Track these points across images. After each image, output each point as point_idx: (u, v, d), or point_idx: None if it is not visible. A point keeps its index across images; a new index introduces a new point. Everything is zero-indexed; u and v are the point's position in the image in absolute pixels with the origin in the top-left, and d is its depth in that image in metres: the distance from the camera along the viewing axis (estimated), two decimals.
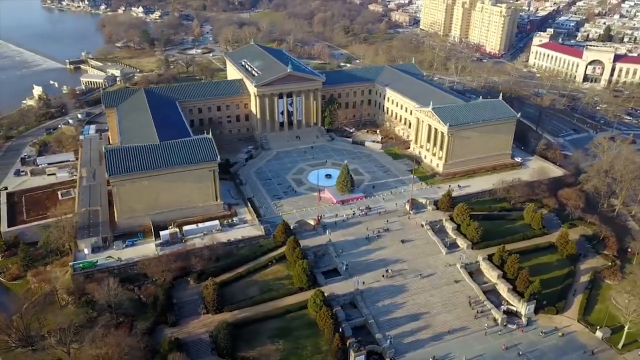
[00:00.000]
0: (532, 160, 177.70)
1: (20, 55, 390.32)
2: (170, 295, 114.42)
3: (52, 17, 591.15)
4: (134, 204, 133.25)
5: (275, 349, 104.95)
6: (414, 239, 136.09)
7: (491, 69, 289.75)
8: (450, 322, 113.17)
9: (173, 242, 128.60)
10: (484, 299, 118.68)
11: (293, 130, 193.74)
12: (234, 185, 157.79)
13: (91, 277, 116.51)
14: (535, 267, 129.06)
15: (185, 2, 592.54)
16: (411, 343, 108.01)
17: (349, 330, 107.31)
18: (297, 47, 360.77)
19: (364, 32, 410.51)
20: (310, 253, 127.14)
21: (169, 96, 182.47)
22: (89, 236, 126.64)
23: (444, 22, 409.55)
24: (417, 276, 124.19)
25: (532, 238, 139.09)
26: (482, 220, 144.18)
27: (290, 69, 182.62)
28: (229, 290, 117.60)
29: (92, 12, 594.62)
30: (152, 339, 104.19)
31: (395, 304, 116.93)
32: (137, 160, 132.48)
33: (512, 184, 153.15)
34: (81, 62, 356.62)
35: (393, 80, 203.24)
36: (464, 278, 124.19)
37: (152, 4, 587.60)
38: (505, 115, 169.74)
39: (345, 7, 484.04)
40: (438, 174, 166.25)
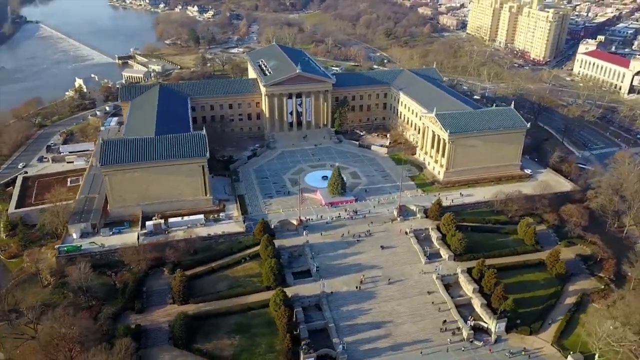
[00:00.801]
0: (544, 173, 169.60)
1: (77, 50, 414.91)
2: (141, 283, 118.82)
3: (115, 15, 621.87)
4: (125, 194, 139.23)
5: (230, 344, 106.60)
6: (395, 246, 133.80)
7: (527, 77, 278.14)
8: (413, 333, 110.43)
9: (157, 233, 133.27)
10: (454, 312, 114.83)
11: (302, 131, 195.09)
12: (231, 181, 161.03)
13: (73, 260, 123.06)
14: (519, 284, 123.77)
15: (238, 2, 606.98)
16: (368, 351, 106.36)
17: (305, 332, 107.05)
18: (334, 49, 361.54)
19: (406, 35, 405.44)
20: (285, 253, 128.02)
21: (182, 93, 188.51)
22: (80, 222, 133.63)
23: (490, 26, 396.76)
24: (389, 283, 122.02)
25: (522, 254, 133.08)
26: (473, 231, 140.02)
27: (299, 70, 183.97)
28: (199, 283, 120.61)
29: (151, 10, 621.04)
30: (117, 324, 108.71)
31: (360, 309, 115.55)
32: (130, 152, 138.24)
33: (510, 197, 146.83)
34: (129, 57, 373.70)
35: (409, 84, 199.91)
36: (438, 289, 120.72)
37: (208, 3, 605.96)
38: (514, 124, 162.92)
39: (392, 10, 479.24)
40: (437, 182, 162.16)
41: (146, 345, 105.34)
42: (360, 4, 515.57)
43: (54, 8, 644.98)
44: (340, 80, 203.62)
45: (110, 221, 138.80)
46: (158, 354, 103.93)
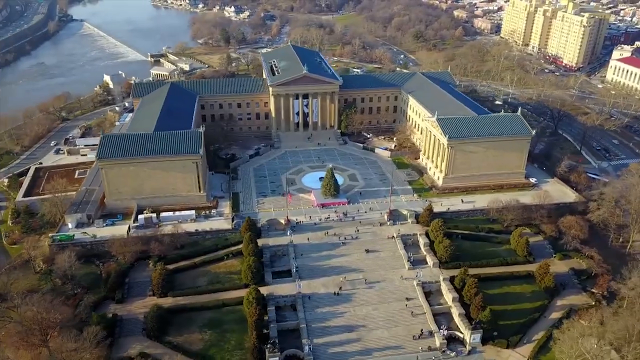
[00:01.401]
0: (550, 183, 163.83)
1: (113, 48, 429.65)
2: (125, 274, 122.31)
3: (156, 14, 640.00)
4: (121, 188, 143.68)
5: (201, 339, 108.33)
6: (380, 250, 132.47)
7: (553, 83, 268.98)
8: (385, 340, 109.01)
9: (147, 226, 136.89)
10: (430, 320, 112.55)
11: (308, 132, 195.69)
12: (229, 179, 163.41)
13: (65, 249, 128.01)
14: (504, 296, 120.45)
15: (275, 3, 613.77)
16: (336, 353, 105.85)
17: (275, 331, 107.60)
18: (360, 51, 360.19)
19: (436, 38, 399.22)
20: (267, 251, 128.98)
21: (192, 90, 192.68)
22: (76, 212, 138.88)
23: (524, 30, 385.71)
24: (368, 287, 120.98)
25: (512, 265, 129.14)
26: (463, 239, 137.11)
27: (305, 71, 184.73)
28: (180, 277, 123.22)
29: (191, 10, 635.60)
30: (97, 312, 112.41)
31: (335, 312, 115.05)
32: (127, 146, 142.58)
33: (506, 205, 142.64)
34: (161, 55, 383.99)
35: (419, 87, 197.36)
36: (417, 296, 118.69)
37: (245, 3, 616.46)
38: (518, 131, 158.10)
39: (425, 12, 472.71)
40: (435, 188, 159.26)
41: (120, 335, 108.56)
42: (394, 6, 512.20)
43: (100, 7, 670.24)
44: (349, 82, 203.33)
45: (106, 213, 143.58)
46: (130, 343, 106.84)
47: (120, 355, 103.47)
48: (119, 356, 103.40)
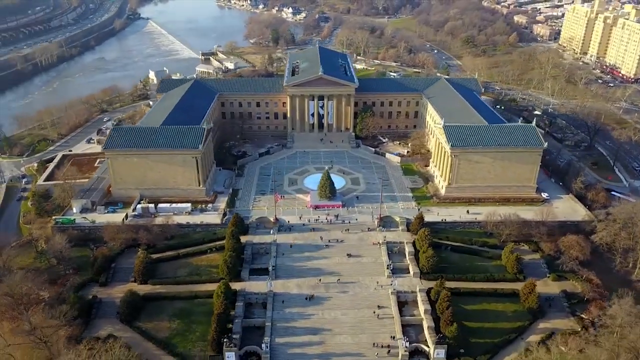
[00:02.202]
0: (563, 199, 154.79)
1: (170, 45, 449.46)
2: (111, 259, 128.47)
3: (219, 14, 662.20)
4: (126, 177, 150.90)
5: (168, 327, 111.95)
6: (363, 256, 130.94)
7: (599, 94, 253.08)
8: (347, 346, 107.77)
9: (144, 216, 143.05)
10: (398, 331, 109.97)
11: (323, 133, 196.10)
12: (234, 175, 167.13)
13: (65, 231, 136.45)
14: (484, 313, 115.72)
15: (332, 4, 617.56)
16: (294, 354, 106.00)
17: (238, 327, 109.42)
18: (404, 54, 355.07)
19: (487, 44, 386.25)
20: (249, 248, 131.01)
21: (213, 88, 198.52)
22: (82, 198, 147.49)
23: (583, 38, 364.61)
24: (341, 292, 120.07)
25: (499, 281, 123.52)
26: (453, 251, 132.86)
27: (321, 72, 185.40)
28: (163, 267, 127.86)
29: (252, 10, 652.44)
30: (81, 293, 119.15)
31: (303, 313, 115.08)
32: (133, 139, 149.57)
33: (503, 220, 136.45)
34: (211, 54, 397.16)
35: (439, 93, 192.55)
36: (390, 305, 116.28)
37: (304, 5, 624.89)
38: (529, 143, 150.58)
39: (481, 17, 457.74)
40: (436, 196, 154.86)
41: (96, 316, 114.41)
42: (451, 10, 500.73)
43: (169, 6, 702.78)
44: (369, 85, 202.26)
45: (111, 201, 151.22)
46: (104, 325, 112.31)
47: (91, 335, 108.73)
48: (90, 336, 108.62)
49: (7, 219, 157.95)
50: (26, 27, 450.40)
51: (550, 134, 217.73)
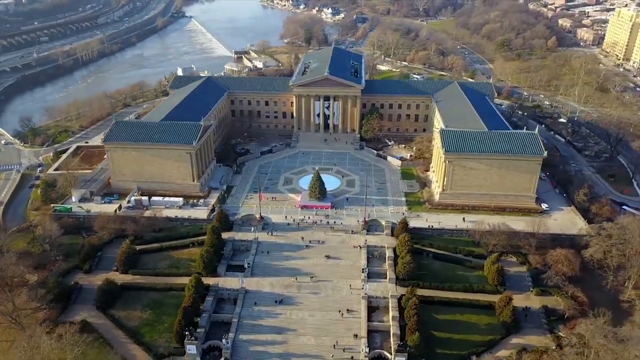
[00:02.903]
0: (564, 211, 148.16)
1: (207, 43, 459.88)
2: (98, 248, 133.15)
3: (262, 14, 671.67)
4: (124, 170, 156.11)
5: (140, 316, 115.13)
6: (341, 258, 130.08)
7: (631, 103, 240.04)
8: (309, 347, 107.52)
9: (137, 208, 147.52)
10: (363, 336, 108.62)
11: (328, 134, 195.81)
12: (232, 173, 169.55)
13: (61, 219, 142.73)
14: (456, 324, 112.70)
15: (373, 5, 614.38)
16: (255, 352, 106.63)
17: (205, 321, 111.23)
18: (434, 57, 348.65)
19: (524, 48, 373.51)
20: (229, 244, 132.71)
21: (224, 86, 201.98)
22: (82, 188, 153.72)
23: (627, 44, 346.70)
24: (312, 293, 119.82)
25: (477, 292, 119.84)
26: (434, 259, 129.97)
27: (327, 73, 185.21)
28: (145, 258, 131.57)
29: (293, 10, 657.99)
30: (64, 278, 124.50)
31: (270, 312, 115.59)
32: (133, 132, 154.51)
33: (491, 229, 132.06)
34: (244, 52, 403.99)
35: (449, 97, 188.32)
36: (359, 310, 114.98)
37: (344, 6, 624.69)
38: (529, 151, 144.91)
39: (522, 20, 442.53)
40: (429, 202, 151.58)
41: (75, 302, 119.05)
42: (492, 12, 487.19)
43: (214, 6, 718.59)
44: (379, 87, 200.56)
45: (109, 192, 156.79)
46: (80, 310, 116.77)
47: (67, 319, 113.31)
48: (65, 320, 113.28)
49: (16, 205, 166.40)
50: (74, 24, 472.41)
51: (571, 143, 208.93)
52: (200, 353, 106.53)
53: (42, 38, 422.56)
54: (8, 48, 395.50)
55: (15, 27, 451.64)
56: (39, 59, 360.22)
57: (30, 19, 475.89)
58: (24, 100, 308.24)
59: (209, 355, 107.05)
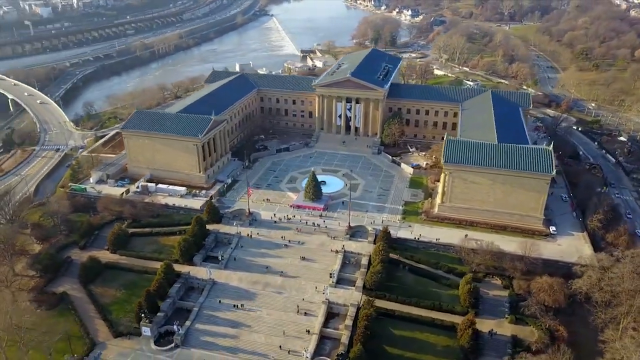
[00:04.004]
0: (573, 237, 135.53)
1: (279, 41, 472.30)
2: (96, 227, 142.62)
3: (343, 14, 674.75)
4: (138, 157, 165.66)
5: (113, 294, 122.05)
6: (316, 261, 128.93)
7: None
8: (258, 344, 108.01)
9: (143, 193, 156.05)
10: (313, 340, 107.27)
11: (349, 136, 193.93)
12: (242, 167, 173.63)
13: (76, 197, 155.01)
14: (412, 341, 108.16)
15: (455, 8, 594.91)
16: (205, 342, 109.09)
17: (166, 306, 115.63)
18: (501, 64, 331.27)
19: (606, 57, 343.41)
20: (212, 236, 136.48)
21: (255, 83, 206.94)
22: (99, 171, 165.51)
23: None
24: (276, 292, 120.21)
25: (446, 312, 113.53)
26: (410, 272, 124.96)
27: (349, 75, 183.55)
28: (136, 241, 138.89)
29: (374, 11, 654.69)
30: (61, 252, 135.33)
31: (231, 305, 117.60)
32: (149, 122, 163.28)
33: (476, 248, 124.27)
34: (310, 52, 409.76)
35: (476, 106, 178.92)
36: (317, 314, 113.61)
37: (426, 7, 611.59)
38: (536, 168, 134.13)
39: (611, 27, 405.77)
40: (425, 214, 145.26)
41: (64, 275, 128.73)
42: (581, 18, 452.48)
43: (299, 5, 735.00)
44: (404, 91, 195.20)
45: (125, 176, 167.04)
46: (65, 282, 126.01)
47: (49, 289, 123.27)
48: (50, 289, 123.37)
49: (51, 181, 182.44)
50: (160, 19, 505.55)
51: (621, 164, 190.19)
52: (157, 336, 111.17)
53: (128, 31, 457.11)
54: (98, 39, 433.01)
55: (109, 20, 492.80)
56: (119, 50, 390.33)
57: (123, 13, 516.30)
58: (101, 86, 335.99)
59: (164, 339, 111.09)
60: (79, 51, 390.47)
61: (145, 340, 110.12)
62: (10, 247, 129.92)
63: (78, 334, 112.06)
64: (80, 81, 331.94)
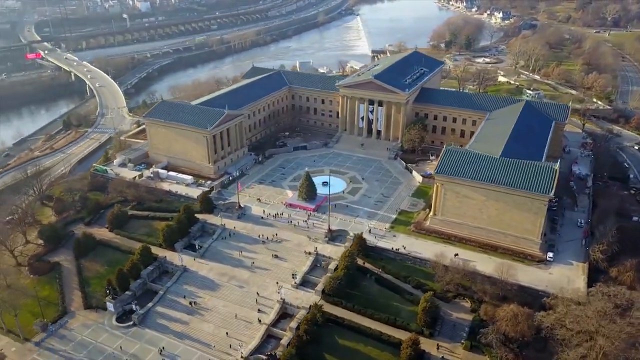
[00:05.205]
0: (572, 266, 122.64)
1: (355, 41, 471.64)
2: (104, 206, 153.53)
3: (432, 14, 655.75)
4: (158, 144, 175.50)
5: (97, 269, 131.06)
6: (287, 260, 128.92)
7: None
8: (206, 334, 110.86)
9: (154, 178, 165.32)
10: (258, 338, 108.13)
11: (370, 139, 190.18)
12: (253, 162, 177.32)
13: (97, 177, 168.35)
14: (353, 353, 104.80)
15: (553, 12, 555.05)
16: (159, 325, 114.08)
17: (136, 286, 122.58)
18: (579, 73, 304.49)
19: None
20: (198, 225, 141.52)
21: (288, 80, 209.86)
22: (123, 155, 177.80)
23: None
24: (238, 286, 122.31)
25: (398, 327, 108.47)
26: (376, 282, 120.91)
27: (371, 77, 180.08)
28: (133, 222, 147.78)
29: (465, 12, 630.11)
30: (66, 226, 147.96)
31: (193, 293, 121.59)
32: (169, 112, 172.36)
33: (448, 265, 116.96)
34: (381, 52, 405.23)
35: (502, 116, 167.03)
36: (269, 313, 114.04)
37: (522, 10, 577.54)
38: (534, 188, 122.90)
39: None
40: (415, 225, 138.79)
41: (63, 246, 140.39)
42: None
43: (391, 5, 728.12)
44: (431, 96, 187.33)
45: (145, 162, 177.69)
46: (61, 253, 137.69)
47: (47, 258, 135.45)
48: (46, 258, 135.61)
49: (90, 161, 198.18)
50: (245, 15, 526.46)
51: None
52: (120, 312, 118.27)
53: (212, 26, 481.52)
54: (183, 33, 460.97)
55: (199, 15, 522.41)
56: (197, 43, 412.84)
57: (213, 9, 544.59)
58: (175, 77, 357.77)
59: (127, 317, 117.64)
60: (162, 43, 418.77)
61: (109, 315, 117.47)
62: (29, 216, 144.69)
63: (56, 301, 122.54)
64: (155, 71, 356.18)
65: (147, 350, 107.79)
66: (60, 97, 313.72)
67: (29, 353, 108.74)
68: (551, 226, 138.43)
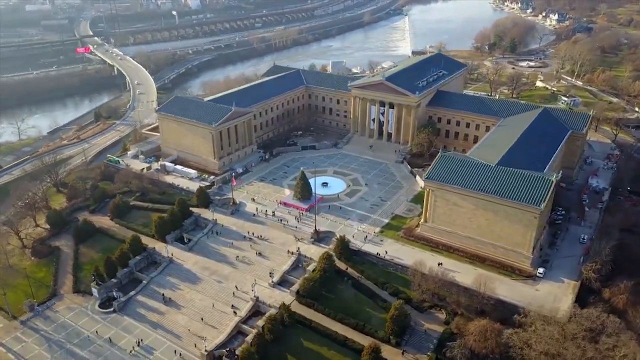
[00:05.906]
0: (563, 284, 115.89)
1: (397, 41, 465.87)
2: (109, 196, 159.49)
3: (486, 16, 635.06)
4: (169, 138, 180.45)
5: (91, 256, 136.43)
6: (269, 259, 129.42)
7: None
8: (178, 326, 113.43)
9: (161, 171, 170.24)
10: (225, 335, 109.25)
11: (381, 141, 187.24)
12: (259, 160, 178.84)
13: (109, 167, 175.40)
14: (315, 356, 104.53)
15: (615, 15, 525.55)
16: (137, 313, 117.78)
17: (122, 273, 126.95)
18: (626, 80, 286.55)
19: None
20: (192, 219, 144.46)
21: (305, 79, 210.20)
22: (137, 147, 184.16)
23: None
24: (217, 281, 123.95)
25: (366, 334, 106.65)
26: (353, 286, 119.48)
27: (382, 78, 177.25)
28: (133, 212, 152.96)
29: (520, 14, 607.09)
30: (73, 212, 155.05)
31: (174, 285, 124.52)
32: (179, 107, 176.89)
33: (426, 274, 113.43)
34: (421, 53, 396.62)
35: (514, 123, 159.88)
36: (242, 310, 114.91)
37: (581, 12, 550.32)
38: (525, 199, 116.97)
39: None
40: (404, 231, 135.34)
41: (66, 232, 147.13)
42: None
43: (445, 5, 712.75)
44: (445, 100, 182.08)
45: (157, 154, 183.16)
46: (63, 238, 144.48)
47: (49, 243, 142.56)
48: (48, 243, 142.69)
49: (111, 152, 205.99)
50: (291, 14, 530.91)
51: None
52: (105, 298, 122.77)
53: (256, 24, 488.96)
54: (229, 30, 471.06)
55: (246, 13, 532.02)
56: (239, 41, 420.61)
57: (260, 7, 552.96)
58: (213, 73, 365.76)
59: (109, 303, 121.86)
60: (205, 40, 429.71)
61: (93, 301, 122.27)
62: (40, 201, 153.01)
63: (49, 283, 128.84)
64: (195, 67, 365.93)
65: (121, 337, 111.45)
66: (103, 90, 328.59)
67: (14, 330, 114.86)
68: (551, 240, 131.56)
